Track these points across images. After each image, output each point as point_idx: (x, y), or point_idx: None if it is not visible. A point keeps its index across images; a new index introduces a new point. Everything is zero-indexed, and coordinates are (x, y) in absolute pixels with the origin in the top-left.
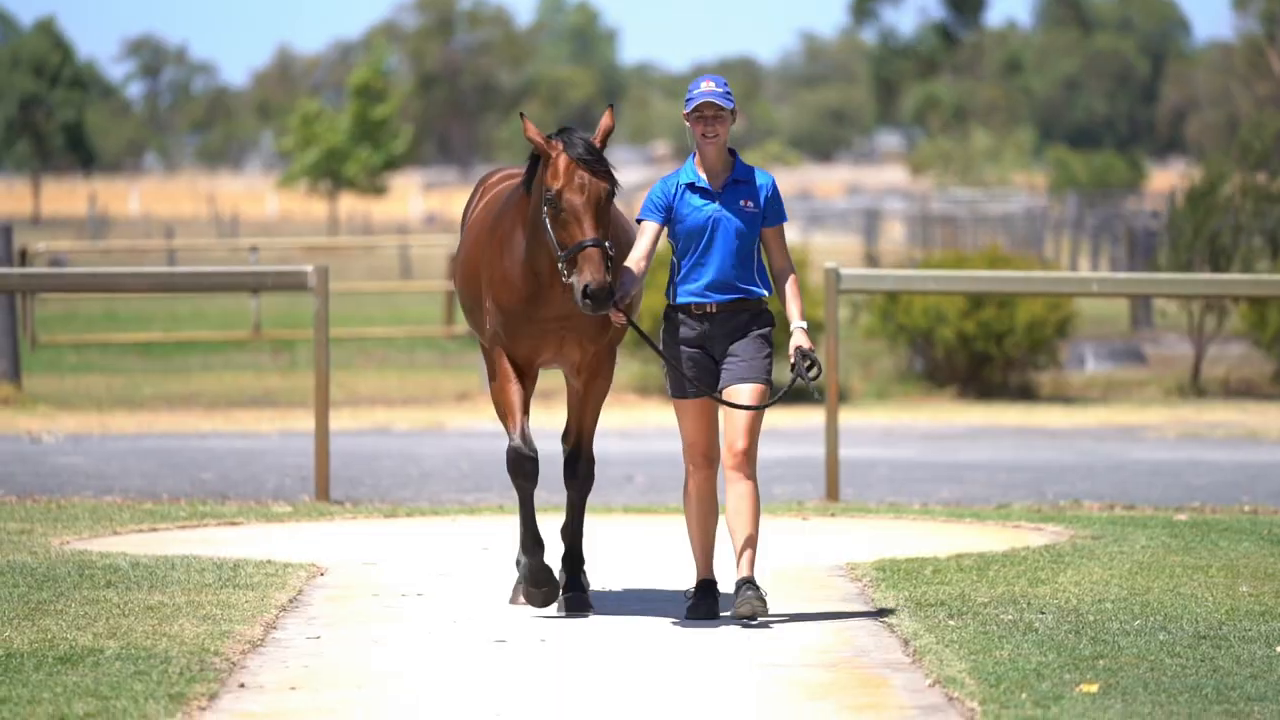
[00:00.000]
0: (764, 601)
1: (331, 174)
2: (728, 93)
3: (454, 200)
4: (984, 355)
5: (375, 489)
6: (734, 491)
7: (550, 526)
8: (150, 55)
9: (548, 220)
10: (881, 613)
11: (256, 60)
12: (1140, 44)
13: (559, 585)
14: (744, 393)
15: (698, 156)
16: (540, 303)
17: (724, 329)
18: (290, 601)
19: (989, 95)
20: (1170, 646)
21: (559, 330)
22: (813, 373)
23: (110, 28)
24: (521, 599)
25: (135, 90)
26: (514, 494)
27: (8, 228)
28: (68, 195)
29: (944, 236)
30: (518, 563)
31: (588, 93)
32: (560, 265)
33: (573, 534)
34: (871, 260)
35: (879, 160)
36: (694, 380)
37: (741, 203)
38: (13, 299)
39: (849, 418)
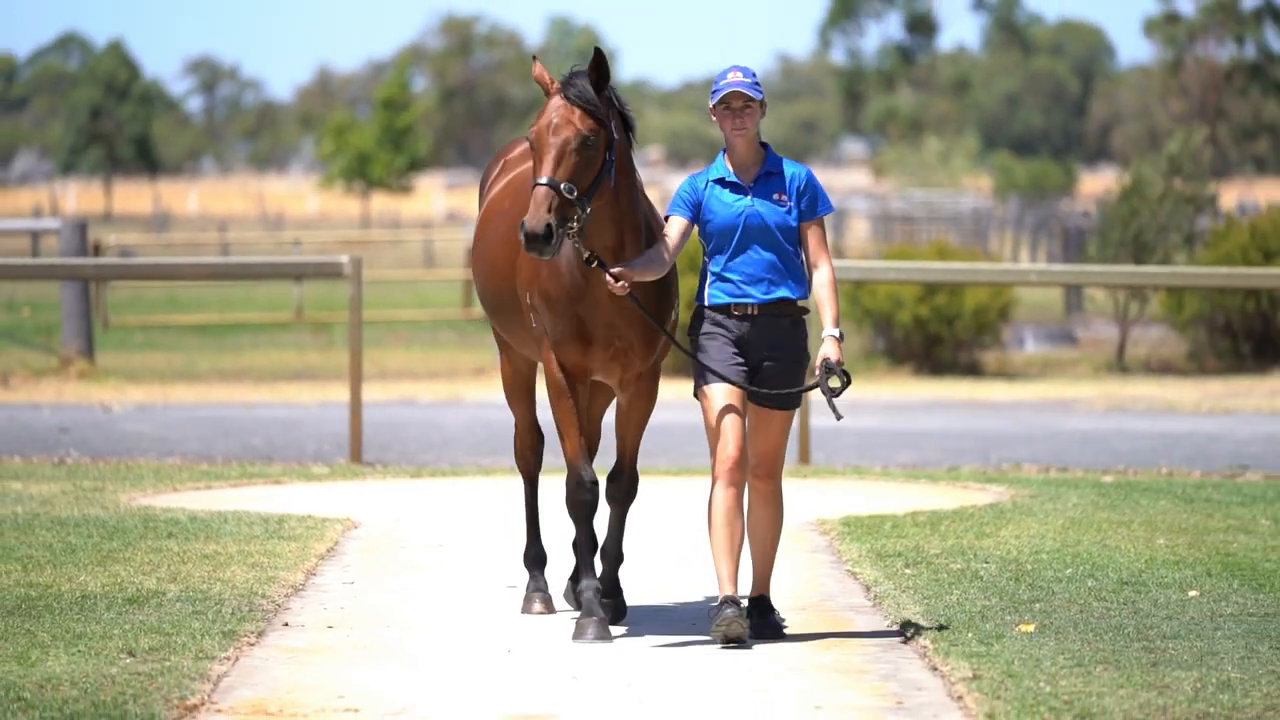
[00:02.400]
0: (773, 624)
1: (362, 175)
2: (756, 82)
3: (472, 198)
4: (937, 337)
5: (402, 453)
6: (757, 501)
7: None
8: (207, 73)
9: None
10: (846, 563)
11: (300, 77)
12: (1072, 66)
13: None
14: (776, 417)
15: (728, 152)
16: (587, 300)
17: (762, 334)
18: (328, 551)
19: (941, 108)
20: (1097, 592)
21: (608, 334)
22: (836, 384)
23: (173, 49)
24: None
25: (194, 104)
26: None
27: (83, 224)
28: (135, 196)
29: (902, 233)
30: (578, 595)
31: None
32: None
33: (613, 542)
34: (839, 253)
35: (845, 165)
36: (722, 364)
37: (775, 196)
38: (87, 286)
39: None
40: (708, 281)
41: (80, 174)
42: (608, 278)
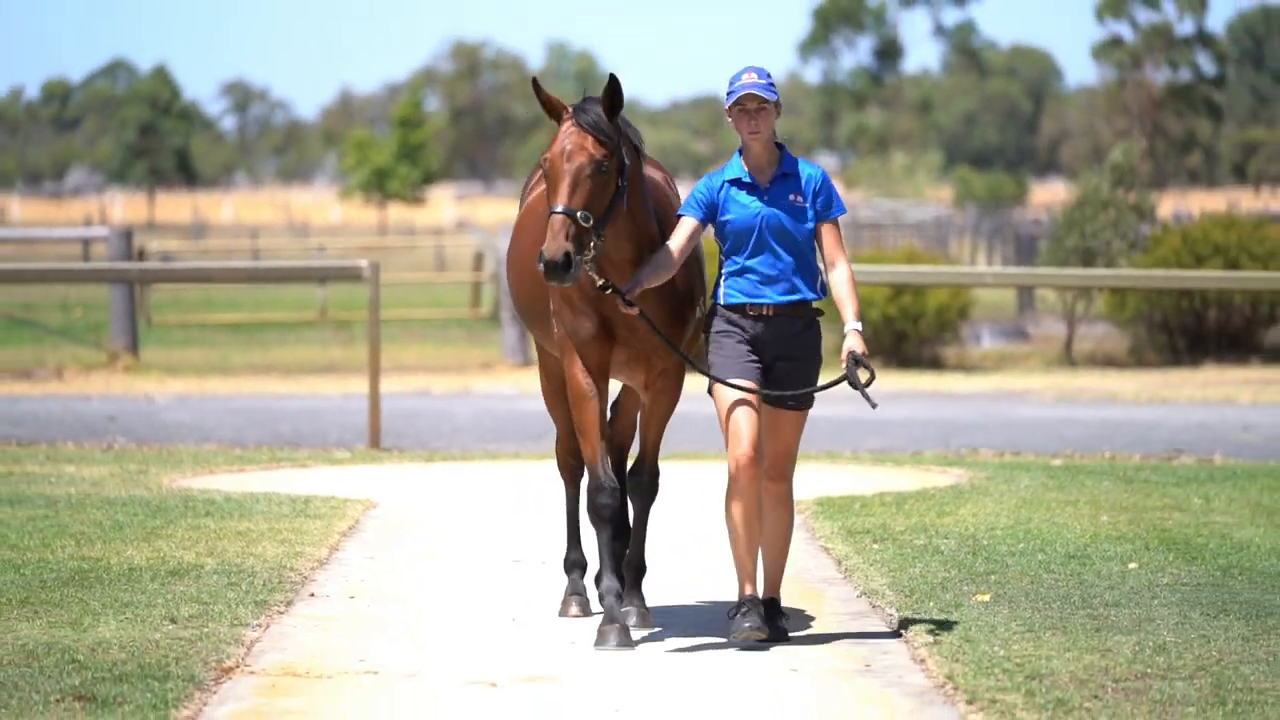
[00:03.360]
0: (780, 629)
1: (380, 188)
2: (770, 84)
3: (480, 208)
4: (903, 333)
5: (417, 440)
6: (769, 503)
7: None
8: (241, 95)
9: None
10: (820, 539)
11: (324, 98)
12: (1024, 87)
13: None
14: (789, 418)
15: (744, 153)
16: (607, 299)
17: (777, 334)
18: (350, 529)
19: (906, 126)
20: (1046, 564)
21: (629, 332)
22: (865, 378)
23: (210, 74)
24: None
25: (229, 123)
26: (530, 445)
27: (128, 232)
28: (175, 206)
29: (870, 239)
30: (598, 585)
31: None
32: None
33: (635, 547)
34: None
35: None
36: (736, 366)
37: (791, 197)
38: (132, 288)
39: None
40: (723, 281)
41: (127, 186)
42: (619, 303)
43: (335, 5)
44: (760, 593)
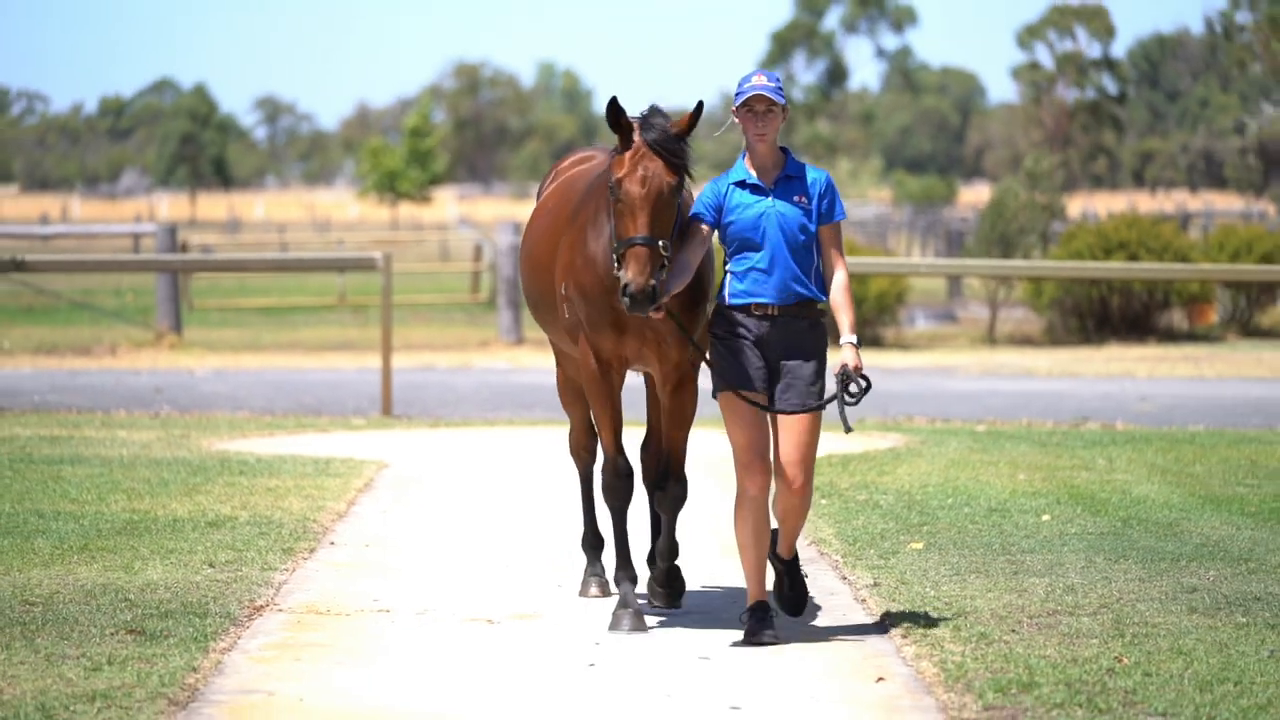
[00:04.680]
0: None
1: (392, 189)
2: (779, 87)
3: (480, 206)
4: None
5: (423, 408)
6: (786, 496)
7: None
8: (270, 108)
9: (611, 209)
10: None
11: (344, 111)
12: (953, 103)
13: (681, 582)
14: (800, 422)
15: (748, 155)
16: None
17: (781, 334)
18: (365, 486)
19: (851, 136)
20: (971, 516)
21: (640, 324)
22: (858, 397)
23: (244, 90)
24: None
25: (260, 132)
26: (523, 413)
27: (173, 228)
28: (213, 205)
29: None
30: (614, 581)
31: (572, 134)
32: (613, 259)
33: (668, 553)
34: None
35: None
36: (742, 371)
37: (795, 199)
38: (176, 276)
39: None
40: (728, 281)
41: (171, 188)
42: (652, 311)
43: (354, 30)
44: (780, 554)
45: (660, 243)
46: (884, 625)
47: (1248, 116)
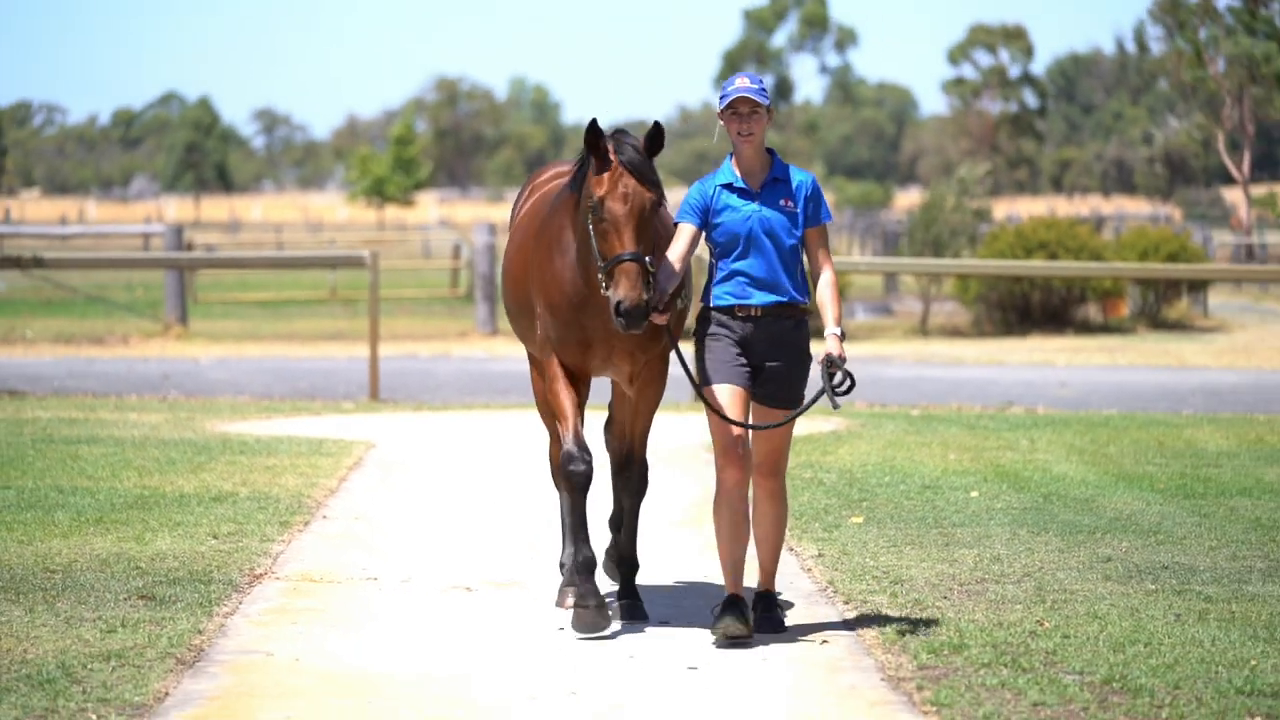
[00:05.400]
0: (777, 620)
1: (379, 193)
2: (763, 89)
3: (458, 209)
4: None
5: (407, 393)
6: (762, 498)
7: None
8: (268, 119)
9: (591, 229)
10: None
11: (334, 122)
12: (889, 115)
13: (606, 605)
14: (779, 416)
15: (735, 157)
16: (590, 308)
17: (765, 334)
18: (354, 464)
19: (797, 144)
20: (906, 493)
21: (607, 338)
22: (843, 386)
23: (244, 103)
24: (571, 600)
25: (259, 141)
26: (499, 398)
27: (179, 229)
28: (216, 208)
29: None
30: (562, 566)
31: (542, 143)
32: (600, 276)
33: (626, 543)
34: None
35: None
36: (726, 365)
37: (781, 202)
38: (182, 273)
39: None
40: (714, 284)
41: (178, 192)
42: (654, 316)
43: (344, 48)
44: (756, 586)
45: (648, 259)
46: (828, 593)
47: (1155, 129)
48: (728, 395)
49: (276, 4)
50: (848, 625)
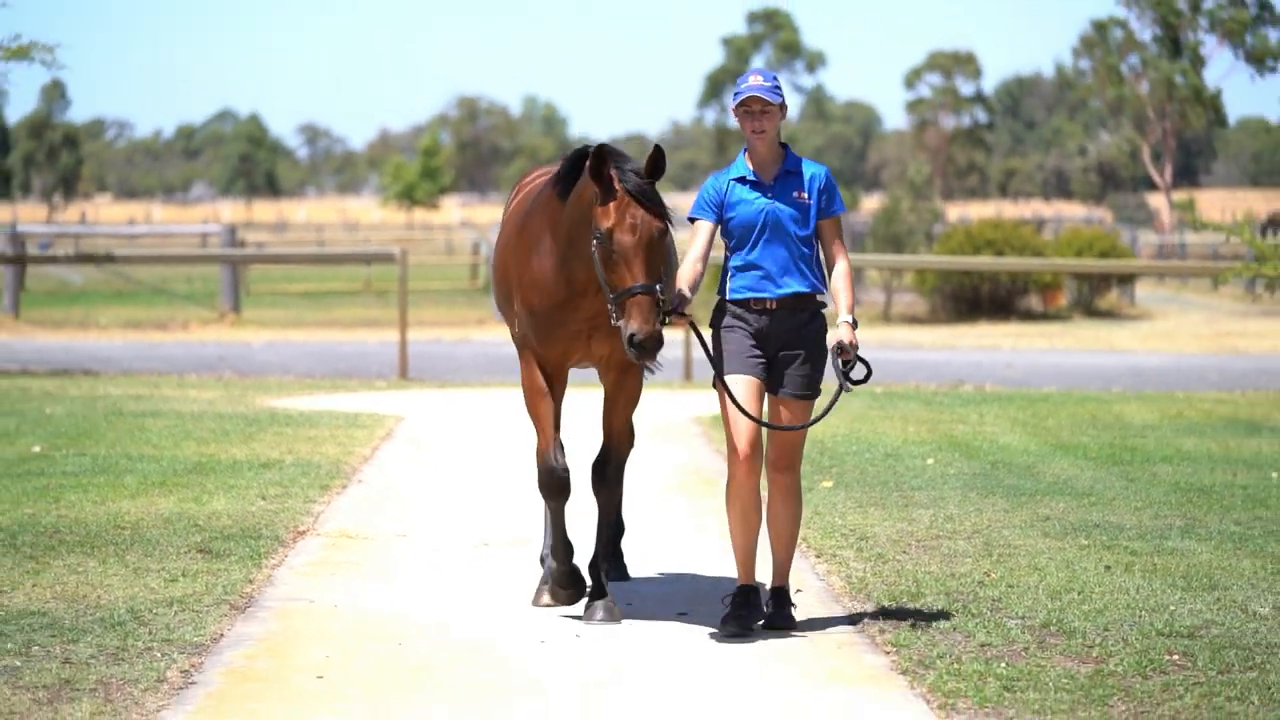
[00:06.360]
0: (787, 617)
1: (409, 197)
2: (776, 87)
3: (478, 211)
4: None
5: (433, 373)
6: (777, 496)
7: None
8: (311, 133)
9: (598, 257)
10: (713, 444)
11: (369, 135)
12: (856, 129)
13: (585, 586)
14: (795, 406)
15: (749, 152)
16: (571, 309)
17: (782, 326)
18: (387, 435)
19: None
20: (871, 460)
21: (587, 330)
22: (856, 374)
23: (290, 117)
24: (546, 598)
25: (303, 152)
26: (513, 378)
27: (233, 229)
28: (265, 211)
29: None
30: (542, 560)
31: (551, 153)
32: (610, 306)
33: (607, 539)
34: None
35: None
36: (740, 357)
37: (795, 194)
38: (235, 267)
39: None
40: (729, 276)
41: (231, 197)
42: (675, 317)
43: (378, 71)
44: (769, 583)
45: (659, 287)
46: (801, 548)
47: (1089, 142)
48: (741, 387)
49: (320, 32)
50: (819, 576)
